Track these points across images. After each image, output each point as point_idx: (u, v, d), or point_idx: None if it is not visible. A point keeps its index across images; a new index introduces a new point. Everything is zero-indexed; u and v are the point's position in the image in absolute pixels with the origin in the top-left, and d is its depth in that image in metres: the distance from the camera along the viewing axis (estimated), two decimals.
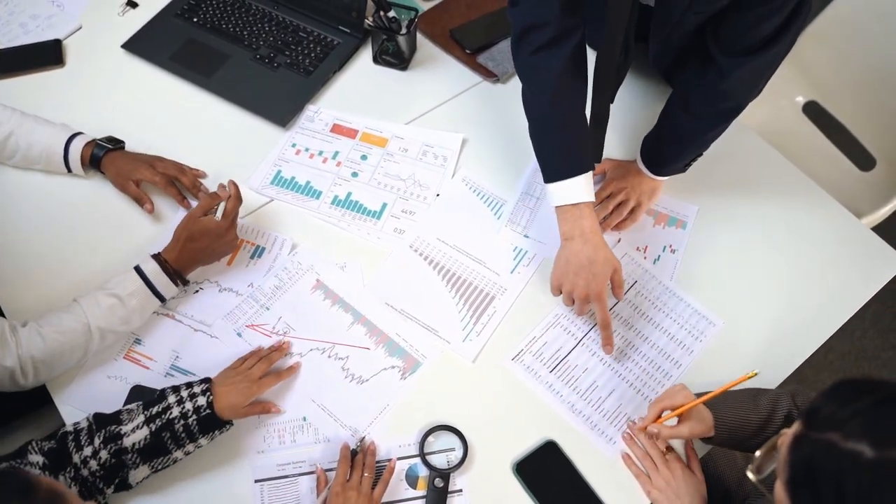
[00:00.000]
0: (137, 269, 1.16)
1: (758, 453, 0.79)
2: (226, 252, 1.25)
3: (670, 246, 1.35)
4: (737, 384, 1.07)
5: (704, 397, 1.08)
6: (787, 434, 0.73)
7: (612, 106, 1.27)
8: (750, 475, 0.80)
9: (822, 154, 1.83)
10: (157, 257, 1.18)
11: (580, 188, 1.17)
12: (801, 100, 1.87)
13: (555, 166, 1.18)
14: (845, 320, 1.29)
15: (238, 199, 1.22)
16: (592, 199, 1.19)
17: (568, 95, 1.17)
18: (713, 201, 1.39)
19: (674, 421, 1.10)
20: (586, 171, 1.18)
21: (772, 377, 1.22)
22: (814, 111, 1.85)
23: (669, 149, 1.30)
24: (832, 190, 1.44)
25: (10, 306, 1.24)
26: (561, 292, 1.22)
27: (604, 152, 1.41)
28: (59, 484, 0.71)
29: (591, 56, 1.20)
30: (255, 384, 1.11)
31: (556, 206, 1.20)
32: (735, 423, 1.08)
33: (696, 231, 1.36)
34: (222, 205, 1.21)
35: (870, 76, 1.71)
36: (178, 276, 1.18)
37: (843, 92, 1.79)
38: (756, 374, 1.06)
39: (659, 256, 1.33)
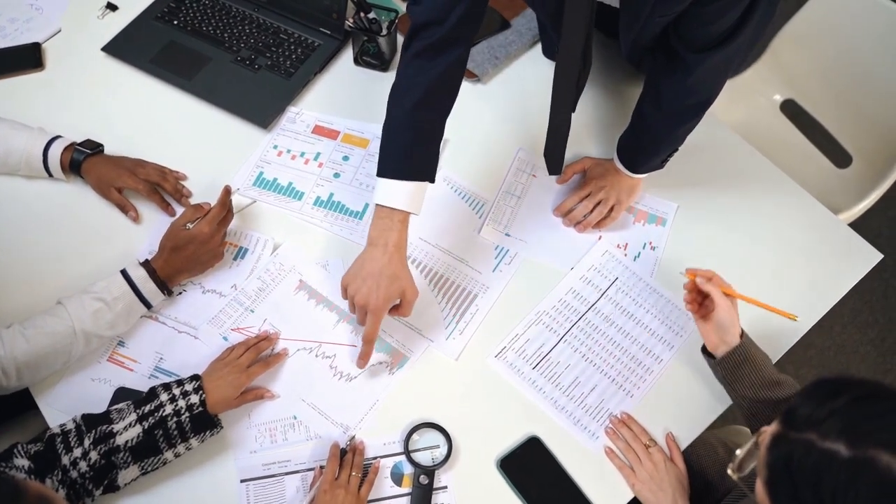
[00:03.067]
0: (124, 274, 1.16)
1: (738, 451, 0.80)
2: (211, 262, 1.24)
3: (650, 243, 1.36)
4: (775, 311, 1.15)
5: (746, 297, 1.14)
6: (767, 432, 0.75)
7: (591, 104, 1.28)
8: (731, 473, 0.81)
9: (799, 152, 1.86)
10: (145, 265, 1.17)
11: (407, 195, 1.13)
12: (778, 98, 1.89)
13: (393, 163, 1.14)
14: (822, 315, 1.31)
15: (223, 205, 1.21)
16: (414, 212, 1.15)
17: (432, 105, 1.16)
18: (692, 199, 1.41)
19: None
20: (421, 180, 1.15)
21: None
22: (791, 109, 1.87)
23: (644, 147, 1.31)
24: (809, 187, 1.45)
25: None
26: (346, 295, 1.17)
27: (584, 151, 1.43)
28: (48, 489, 0.71)
29: (551, 68, 1.19)
30: (243, 374, 1.12)
31: (377, 204, 1.15)
32: (751, 357, 1.10)
33: (675, 228, 1.38)
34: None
35: (846, 75, 1.73)
36: (164, 286, 1.18)
37: (820, 90, 1.81)
38: (797, 318, 1.15)
39: (639, 253, 1.35)
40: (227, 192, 1.22)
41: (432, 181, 1.17)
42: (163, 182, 1.33)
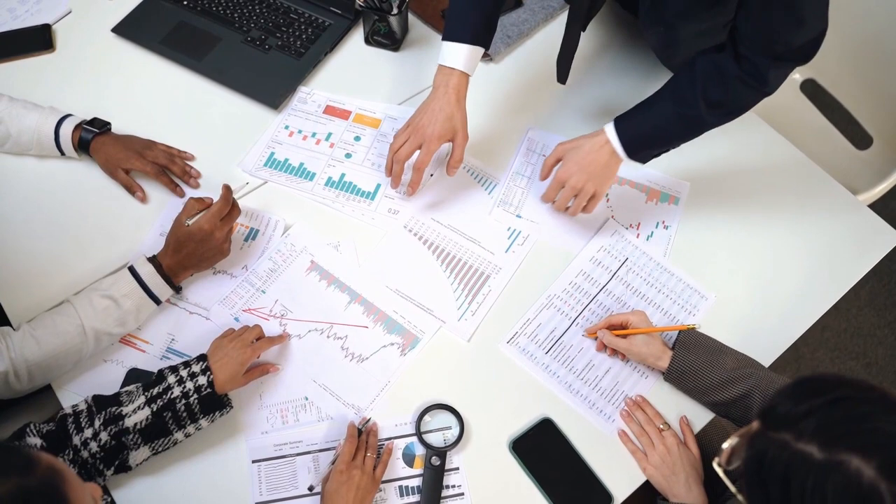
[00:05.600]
0: (132, 270, 1.15)
1: (725, 444, 0.79)
2: (215, 258, 1.22)
3: (663, 222, 1.34)
4: (670, 329, 1.21)
5: (641, 330, 1.18)
6: (751, 428, 0.75)
7: (603, 90, 1.25)
8: (716, 466, 0.80)
9: (818, 132, 1.82)
10: (152, 260, 1.17)
11: (464, 56, 1.25)
12: (798, 77, 1.85)
13: (454, 28, 1.25)
14: (840, 296, 1.29)
15: (225, 202, 1.18)
16: (469, 73, 1.26)
17: None
18: (706, 178, 1.39)
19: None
20: (477, 45, 1.25)
21: (766, 351, 1.22)
22: (811, 89, 1.84)
23: (667, 132, 1.24)
24: (828, 167, 1.43)
25: (12, 293, 1.24)
26: (403, 131, 1.28)
27: (572, 130, 1.38)
28: (59, 460, 0.71)
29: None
30: (248, 348, 1.11)
31: (439, 64, 1.27)
32: (688, 370, 1.15)
33: (688, 207, 1.36)
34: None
35: (868, 55, 1.70)
36: (170, 281, 1.18)
37: (842, 70, 1.77)
38: (694, 327, 1.19)
39: (652, 233, 1.33)
40: (229, 189, 1.20)
41: (486, 47, 1.27)
42: (170, 165, 1.33)
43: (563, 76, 1.41)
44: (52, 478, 0.67)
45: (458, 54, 1.24)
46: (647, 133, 1.23)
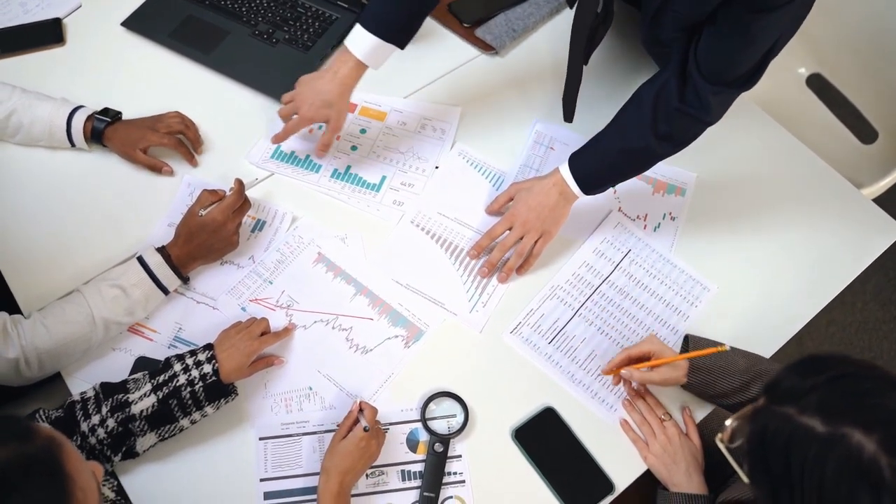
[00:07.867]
0: (140, 260, 1.17)
1: (728, 422, 0.80)
2: (225, 250, 1.24)
3: (670, 213, 1.35)
4: (702, 354, 1.10)
5: (671, 358, 1.12)
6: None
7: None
8: (718, 442, 0.81)
9: (824, 126, 1.82)
10: (161, 250, 1.18)
11: (368, 47, 1.22)
12: (804, 72, 1.85)
13: (370, 17, 1.21)
14: (842, 289, 1.29)
15: (238, 195, 1.21)
16: (368, 66, 1.25)
17: None
18: (712, 169, 1.39)
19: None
20: (384, 40, 1.21)
21: (768, 342, 1.23)
22: (817, 83, 1.84)
23: (618, 167, 1.24)
24: (833, 162, 1.43)
25: (22, 283, 1.25)
26: (290, 93, 1.31)
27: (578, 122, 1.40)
28: (59, 433, 0.71)
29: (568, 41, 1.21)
30: (255, 341, 1.13)
31: (344, 42, 1.25)
32: (704, 381, 1.13)
33: (695, 198, 1.37)
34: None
35: (874, 49, 1.69)
36: (179, 272, 1.19)
37: (848, 65, 1.77)
38: (726, 349, 1.07)
39: (659, 224, 1.34)
40: (241, 183, 1.22)
41: (400, 47, 1.24)
42: (186, 131, 1.35)
43: (569, 115, 1.39)
44: (50, 447, 0.68)
45: (362, 43, 1.22)
46: (598, 170, 1.24)
